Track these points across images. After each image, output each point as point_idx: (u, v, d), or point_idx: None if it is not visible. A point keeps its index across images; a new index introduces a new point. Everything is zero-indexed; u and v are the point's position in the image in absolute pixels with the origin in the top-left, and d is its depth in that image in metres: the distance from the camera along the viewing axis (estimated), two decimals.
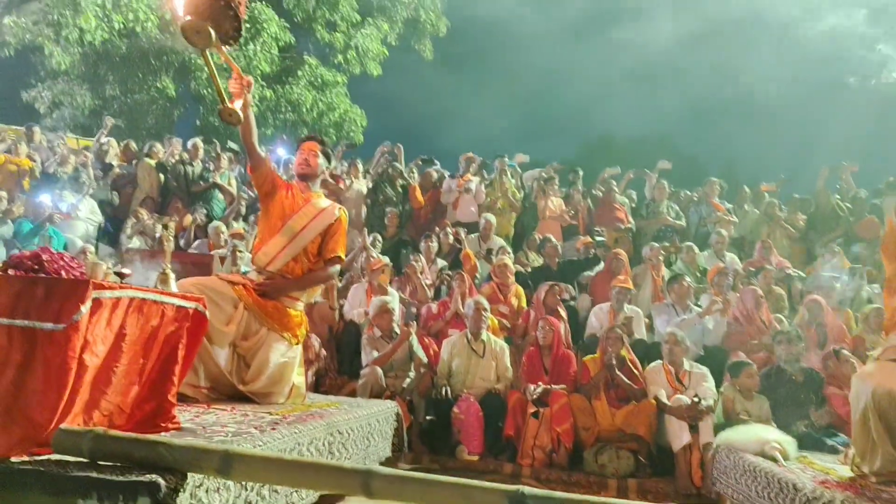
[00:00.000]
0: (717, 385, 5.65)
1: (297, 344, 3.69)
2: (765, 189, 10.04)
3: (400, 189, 9.60)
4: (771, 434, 3.85)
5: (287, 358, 3.63)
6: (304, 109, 17.14)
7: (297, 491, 2.73)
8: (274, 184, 3.85)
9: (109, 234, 9.07)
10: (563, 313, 6.90)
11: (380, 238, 8.38)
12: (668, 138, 24.66)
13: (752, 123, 25.79)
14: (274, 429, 2.76)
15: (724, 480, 3.89)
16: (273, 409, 3.41)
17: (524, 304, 7.32)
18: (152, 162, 9.95)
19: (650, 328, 6.98)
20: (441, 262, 8.20)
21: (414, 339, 5.95)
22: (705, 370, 5.72)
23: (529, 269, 8.26)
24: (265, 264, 3.75)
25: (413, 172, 10.14)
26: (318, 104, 17.40)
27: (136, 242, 8.24)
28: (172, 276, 2.85)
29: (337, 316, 6.74)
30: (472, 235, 8.70)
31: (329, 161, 4.10)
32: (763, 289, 7.07)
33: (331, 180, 9.06)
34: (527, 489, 1.88)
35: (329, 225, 3.85)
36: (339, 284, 7.28)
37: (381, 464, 4.06)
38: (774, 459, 3.58)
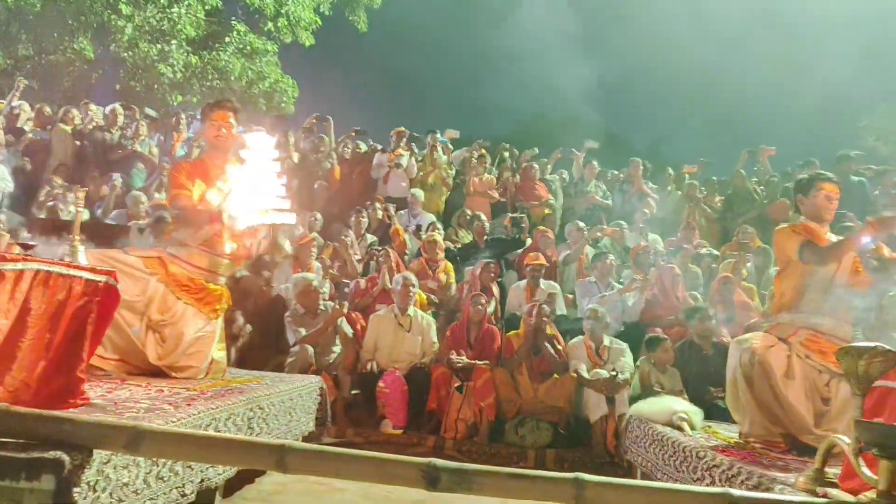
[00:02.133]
0: (635, 359, 5.87)
1: (215, 318, 3.64)
2: (687, 171, 10.38)
3: (329, 163, 9.49)
4: (679, 405, 4.04)
5: (205, 332, 3.58)
6: (233, 77, 16.63)
7: (212, 466, 2.71)
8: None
9: (20, 202, 8.64)
10: (496, 290, 7.03)
11: (318, 216, 8.28)
12: (598, 119, 25.15)
13: (679, 106, 26.56)
14: (189, 404, 2.73)
15: (634, 449, 4.07)
16: (191, 385, 3.37)
17: (453, 279, 7.40)
18: (68, 128, 9.50)
19: (574, 304, 7.18)
20: (370, 238, 8.19)
21: None
22: (624, 345, 5.93)
23: (459, 246, 8.34)
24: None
25: (347, 146, 10.03)
26: (248, 72, 16.91)
27: (48, 212, 7.89)
28: (81, 248, 2.74)
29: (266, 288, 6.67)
30: (402, 211, 8.71)
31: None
32: (680, 267, 7.35)
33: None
34: (439, 462, 1.92)
35: None
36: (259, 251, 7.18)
37: (304, 438, 4.07)
38: (681, 429, 3.77)
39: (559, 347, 5.86)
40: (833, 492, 2.28)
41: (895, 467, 2.05)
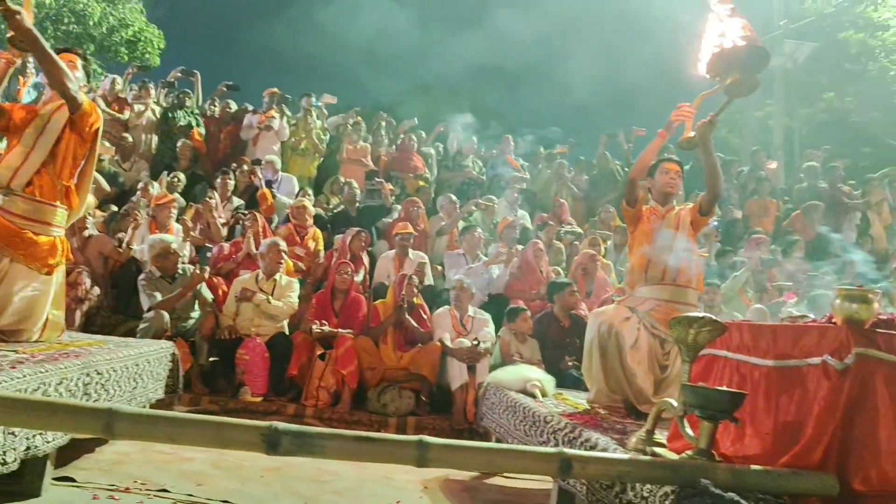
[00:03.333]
0: (498, 330, 6.03)
1: (47, 274, 3.35)
2: (559, 151, 10.73)
3: (195, 119, 9.01)
4: (533, 373, 4.19)
5: (36, 290, 3.29)
6: (91, 22, 15.37)
7: (41, 433, 2.52)
8: (10, 117, 3.38)
9: None
10: (366, 259, 6.98)
11: (181, 176, 7.84)
12: (479, 94, 25.44)
13: (556, 86, 27.31)
14: (14, 368, 2.51)
15: (490, 416, 4.19)
16: (22, 348, 3.11)
17: (321, 247, 7.27)
18: None
19: (443, 275, 7.27)
20: (237, 201, 7.88)
21: None
22: (487, 316, 6.07)
23: (330, 213, 8.20)
24: (7, 181, 3.31)
25: (215, 104, 9.54)
26: (109, 18, 15.69)
27: None
28: None
29: (120, 250, 6.27)
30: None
31: (88, 77, 3.70)
32: (545, 243, 7.61)
33: (103, 104, 8.27)
34: (280, 425, 1.87)
35: (69, 116, 3.43)
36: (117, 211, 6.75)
37: (153, 406, 3.88)
38: (534, 396, 3.92)
39: (425, 317, 5.92)
40: (660, 451, 2.43)
41: (714, 427, 2.22)
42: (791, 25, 15.79)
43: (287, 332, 5.81)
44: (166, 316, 5.43)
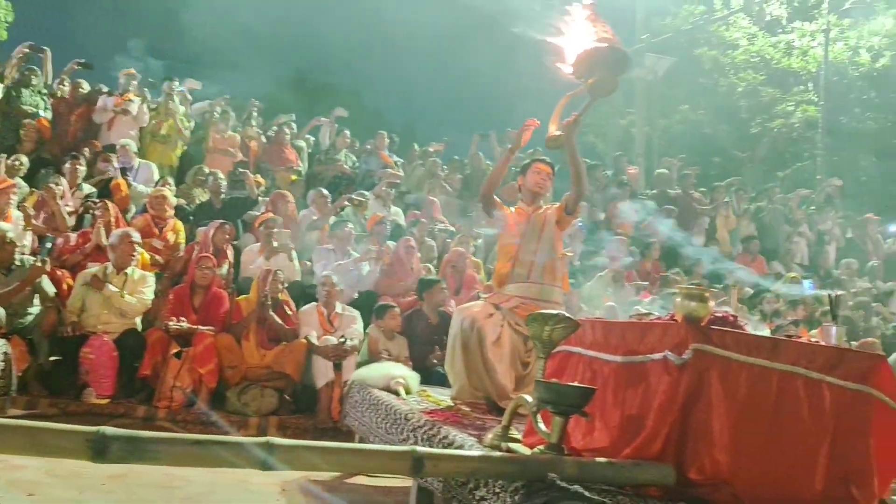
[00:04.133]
0: (366, 326, 5.96)
1: None
2: (434, 149, 10.79)
3: (42, 99, 8.29)
4: (398, 370, 4.16)
5: None
6: None
7: None
8: None
9: None
10: (230, 253, 6.68)
11: (23, 159, 7.16)
12: (356, 90, 25.13)
13: (439, 85, 27.39)
14: None
15: (353, 414, 4.12)
16: None
17: (182, 239, 6.89)
18: None
19: (312, 271, 7.10)
20: (88, 188, 7.31)
21: None
22: (356, 313, 5.99)
23: (193, 205, 7.80)
24: None
25: (65, 83, 8.81)
26: None
27: None
28: None
29: None
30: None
31: None
32: (417, 240, 7.63)
33: None
34: (109, 430, 1.73)
35: None
36: None
37: None
38: (397, 393, 3.89)
39: (290, 313, 5.75)
40: (514, 446, 2.47)
41: (565, 422, 2.27)
42: (652, 40, 16.73)
43: (140, 329, 5.46)
44: (1, 311, 4.94)
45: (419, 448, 1.93)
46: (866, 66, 16.98)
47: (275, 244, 6.60)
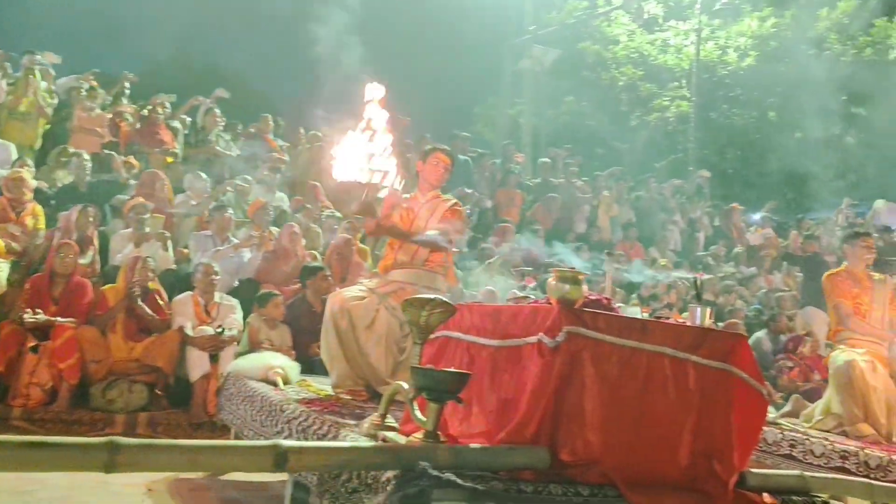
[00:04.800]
0: (247, 315, 5.73)
1: None
2: (322, 133, 10.51)
3: None
4: (276, 360, 4.01)
5: None
6: None
7: None
8: None
9: None
10: (96, 240, 6.23)
11: None
12: (243, 72, 24.18)
13: (322, 70, 26.82)
14: None
15: (228, 407, 3.94)
16: None
17: (42, 224, 6.37)
18: None
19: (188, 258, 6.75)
20: None
21: None
22: (235, 302, 5.75)
23: (54, 188, 7.23)
24: None
25: None
26: None
27: None
28: None
29: None
30: None
31: None
32: (303, 226, 7.42)
33: None
34: None
35: None
36: None
37: None
38: (275, 384, 3.74)
39: (161, 303, 5.43)
40: (391, 435, 2.40)
41: (440, 408, 2.22)
42: (539, 31, 17.10)
43: None
44: None
45: (284, 442, 1.82)
46: (733, 65, 18.07)
47: (146, 230, 6.22)
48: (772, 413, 5.09)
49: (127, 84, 9.63)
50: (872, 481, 2.86)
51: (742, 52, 18.08)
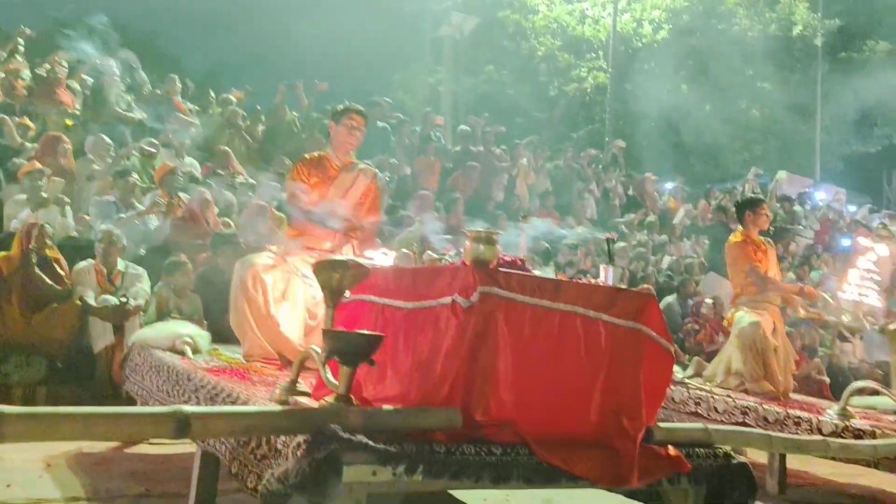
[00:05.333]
0: (155, 284, 5.50)
1: None
2: (235, 97, 10.13)
3: None
4: (185, 329, 3.86)
5: None
6: None
7: None
8: None
9: None
10: None
11: None
12: (153, 35, 22.95)
13: (245, 32, 25.71)
14: None
15: (133, 378, 3.76)
16: None
17: None
18: None
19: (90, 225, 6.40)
20: None
21: None
22: (141, 270, 5.51)
23: None
24: None
25: None
26: None
27: None
28: None
29: None
30: None
31: None
32: (214, 193, 7.16)
33: None
34: None
35: None
36: None
37: None
38: (184, 353, 3.60)
39: (62, 272, 5.13)
40: (302, 400, 2.35)
41: (352, 371, 2.17)
42: None
43: None
44: None
45: (186, 407, 1.74)
46: (648, 38, 18.49)
47: (44, 195, 5.85)
48: (679, 374, 5.31)
49: (21, 40, 8.98)
50: (771, 433, 3.00)
51: (656, 25, 18.51)
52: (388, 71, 21.00)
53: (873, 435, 3.55)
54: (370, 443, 1.83)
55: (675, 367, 5.49)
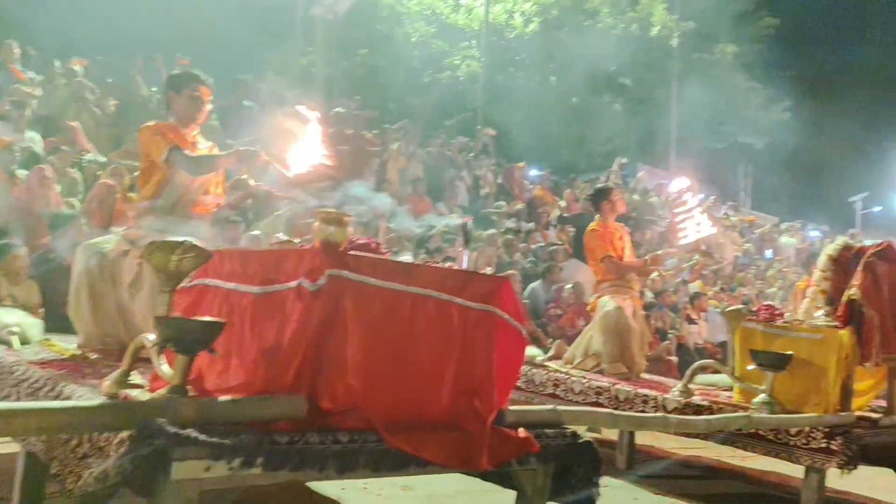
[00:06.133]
0: None
1: None
2: (76, 64, 9.35)
3: None
4: (11, 318, 3.51)
5: None
6: None
7: None
8: None
9: None
10: None
11: None
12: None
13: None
14: None
15: None
16: None
17: None
18: None
19: None
20: None
21: None
22: None
23: None
24: None
25: None
26: None
27: None
28: None
29: None
30: None
31: None
32: (58, 170, 6.62)
33: None
34: None
35: None
36: None
37: None
38: (9, 344, 3.28)
39: None
40: (134, 392, 2.17)
41: (189, 361, 2.02)
42: None
43: None
44: None
45: None
46: (519, 30, 18.91)
47: None
48: (539, 357, 5.47)
49: None
50: (616, 412, 3.12)
51: (527, 18, 18.96)
52: (258, 49, 20.20)
53: (711, 410, 3.80)
54: (201, 436, 1.71)
55: (537, 350, 5.69)
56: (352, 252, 2.23)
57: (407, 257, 2.78)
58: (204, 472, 1.75)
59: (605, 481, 3.90)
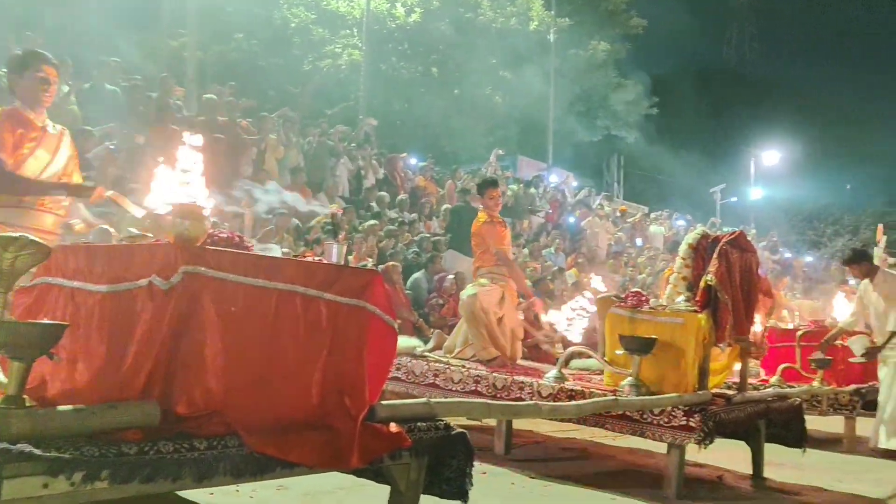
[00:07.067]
0: None
1: None
2: None
3: None
4: None
5: None
6: None
7: None
8: None
9: None
10: None
11: None
12: None
13: None
14: None
15: None
16: None
17: None
18: None
19: None
20: None
21: None
22: None
23: None
24: None
25: None
26: None
27: None
28: None
29: None
30: None
31: None
32: None
33: None
34: None
35: None
36: None
37: None
38: None
39: None
40: None
41: (25, 368, 1.84)
42: None
43: None
44: None
45: None
46: (401, 20, 18.81)
47: None
48: (420, 347, 5.48)
49: None
50: (490, 402, 3.15)
51: (409, 8, 18.89)
52: (124, 30, 19.00)
53: (583, 395, 3.93)
54: (36, 451, 1.56)
55: (417, 341, 5.69)
56: (211, 247, 2.11)
57: (275, 251, 2.66)
58: (42, 490, 1.60)
59: (484, 468, 3.99)
